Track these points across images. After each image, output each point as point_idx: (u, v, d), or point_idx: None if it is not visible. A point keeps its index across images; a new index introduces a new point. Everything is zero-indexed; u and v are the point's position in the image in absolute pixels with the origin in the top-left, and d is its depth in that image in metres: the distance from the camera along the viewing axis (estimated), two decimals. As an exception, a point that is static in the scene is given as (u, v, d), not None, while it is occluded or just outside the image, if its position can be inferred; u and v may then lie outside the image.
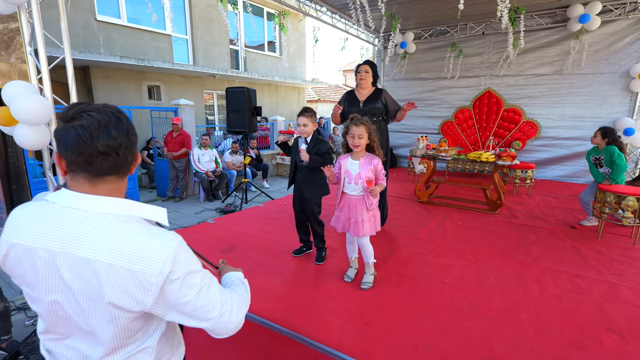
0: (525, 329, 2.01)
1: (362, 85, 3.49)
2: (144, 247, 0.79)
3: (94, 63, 7.66)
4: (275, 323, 2.01)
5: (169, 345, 0.98)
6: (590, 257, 3.05)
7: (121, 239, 0.80)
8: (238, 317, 0.93)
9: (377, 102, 3.45)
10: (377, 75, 3.55)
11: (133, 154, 0.88)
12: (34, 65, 2.76)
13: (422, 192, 4.92)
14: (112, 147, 0.82)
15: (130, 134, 0.86)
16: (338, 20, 6.78)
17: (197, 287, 0.85)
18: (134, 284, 0.78)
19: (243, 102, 5.73)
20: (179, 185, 6.79)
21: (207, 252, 3.06)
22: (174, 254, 0.81)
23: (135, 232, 0.82)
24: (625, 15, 5.63)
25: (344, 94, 3.68)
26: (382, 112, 3.48)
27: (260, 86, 12.18)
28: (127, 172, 0.88)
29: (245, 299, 1.02)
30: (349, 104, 3.53)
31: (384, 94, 3.48)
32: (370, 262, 2.48)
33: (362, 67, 3.46)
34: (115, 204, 0.84)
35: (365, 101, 3.48)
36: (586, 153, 4.10)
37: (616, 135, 3.79)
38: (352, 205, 2.37)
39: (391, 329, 1.98)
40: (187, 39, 10.12)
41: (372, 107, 3.44)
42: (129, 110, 6.42)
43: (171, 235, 0.84)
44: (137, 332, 0.87)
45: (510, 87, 6.73)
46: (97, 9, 7.96)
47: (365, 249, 2.45)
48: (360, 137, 2.26)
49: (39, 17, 2.57)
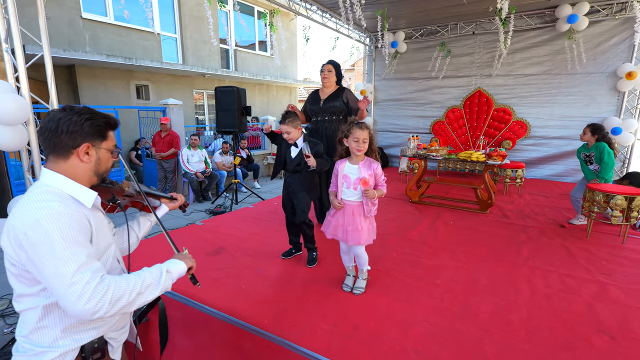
0: (516, 330, 1.98)
1: (325, 84, 3.59)
2: (26, 208, 0.97)
3: (80, 62, 7.50)
4: (263, 329, 1.95)
5: (62, 324, 1.06)
6: (580, 256, 3.05)
7: (26, 199, 1.01)
8: (94, 300, 0.93)
9: (337, 100, 3.52)
10: (340, 75, 3.64)
11: (60, 141, 1.06)
12: (11, 63, 2.65)
13: (414, 191, 4.90)
14: (41, 130, 1.08)
15: (61, 123, 1.05)
16: (328, 19, 6.73)
17: (50, 255, 0.93)
18: (13, 236, 0.96)
19: (233, 101, 5.65)
20: (168, 186, 6.67)
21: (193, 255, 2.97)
22: (37, 219, 0.94)
23: (37, 197, 1.00)
24: (612, 15, 5.69)
25: (310, 93, 3.79)
26: (341, 110, 3.55)
27: (251, 86, 12.08)
28: (63, 155, 1.07)
29: (134, 288, 1.02)
30: (311, 102, 3.65)
31: (345, 93, 3.54)
32: (365, 270, 2.42)
33: (325, 67, 3.55)
34: (53, 178, 1.06)
35: (326, 99, 3.57)
36: (576, 151, 4.11)
37: (605, 131, 3.81)
38: (349, 212, 2.25)
39: (380, 333, 1.94)
40: (177, 37, 9.98)
41: (331, 106, 3.53)
42: (116, 109, 6.28)
43: (52, 208, 0.97)
44: (28, 288, 1.02)
45: (500, 87, 6.77)
46: (82, 6, 7.79)
47: (360, 257, 2.37)
48: (364, 141, 2.18)
49: (15, 12, 2.47)
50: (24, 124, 2.61)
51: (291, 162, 2.75)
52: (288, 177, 2.81)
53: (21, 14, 2.58)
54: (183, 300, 2.27)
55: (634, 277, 2.66)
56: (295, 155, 2.72)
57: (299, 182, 2.74)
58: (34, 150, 2.71)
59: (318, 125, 3.64)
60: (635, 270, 2.78)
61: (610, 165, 3.65)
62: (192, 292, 2.31)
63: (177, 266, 1.23)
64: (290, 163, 2.76)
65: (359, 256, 2.37)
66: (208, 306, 2.16)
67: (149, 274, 1.10)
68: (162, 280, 1.12)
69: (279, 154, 2.85)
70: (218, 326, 2.09)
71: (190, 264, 1.31)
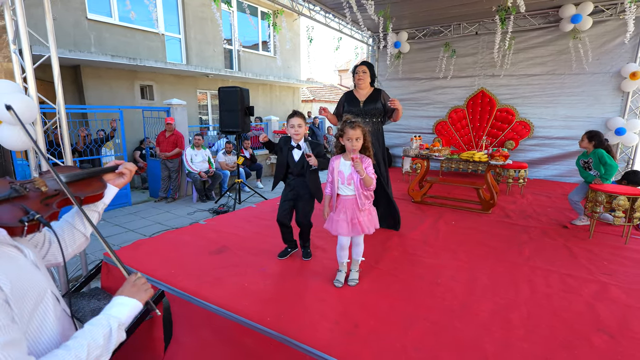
0: (516, 329, 2.00)
1: (361, 85, 3.50)
2: None
3: (85, 62, 7.58)
4: (264, 326, 1.98)
5: None
6: (581, 256, 3.06)
7: None
8: None
9: (377, 102, 3.47)
10: (374, 75, 3.57)
11: None
12: (19, 64, 2.70)
13: (416, 191, 4.91)
14: None
15: None
16: (332, 20, 6.76)
17: None
18: None
19: (236, 101, 5.69)
20: (172, 186, 6.73)
21: (197, 253, 3.03)
22: None
23: None
24: (616, 15, 5.67)
25: (343, 95, 3.69)
26: (381, 112, 3.50)
27: (255, 86, 12.13)
28: None
29: None
30: (349, 104, 3.54)
31: (382, 95, 3.50)
32: (359, 260, 2.52)
33: (360, 68, 3.47)
34: None
35: (365, 101, 3.49)
36: (576, 159, 4.12)
37: (602, 137, 3.82)
38: (349, 206, 2.36)
39: (381, 331, 1.96)
40: (181, 38, 10.05)
41: (373, 108, 3.47)
42: (121, 110, 6.34)
43: None
44: None
45: (503, 87, 6.76)
46: (88, 7, 7.88)
47: (358, 246, 2.48)
48: (357, 139, 2.25)
49: (23, 14, 2.51)
50: (32, 124, 2.66)
51: (296, 166, 2.72)
52: (292, 181, 2.78)
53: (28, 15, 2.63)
54: (187, 298, 2.30)
55: (636, 277, 2.66)
56: (298, 158, 2.71)
57: (304, 185, 2.73)
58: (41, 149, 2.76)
59: None
60: (637, 271, 2.78)
61: (614, 167, 3.65)
62: (196, 290, 2.34)
63: (128, 310, 0.95)
64: (295, 166, 2.73)
65: (358, 245, 2.47)
66: (211, 304, 2.20)
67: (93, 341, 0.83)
68: (113, 340, 0.88)
69: (280, 161, 2.79)
70: (221, 323, 2.13)
71: (146, 296, 1.01)
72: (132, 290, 0.99)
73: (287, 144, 2.75)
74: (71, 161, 2.92)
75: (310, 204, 2.80)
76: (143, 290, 1.01)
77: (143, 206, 6.39)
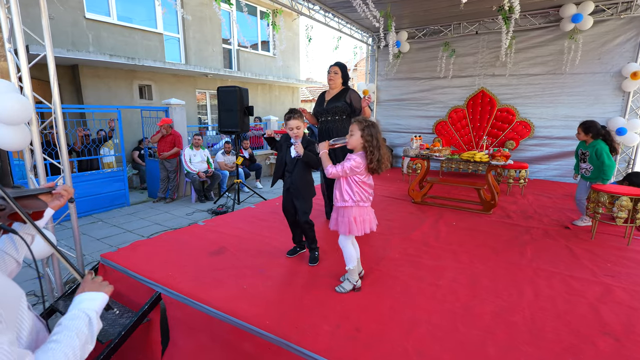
0: (520, 332, 1.96)
1: (331, 85, 3.67)
2: None
3: (83, 62, 7.53)
4: (264, 329, 1.94)
5: None
6: (584, 257, 3.03)
7: None
8: None
9: (340, 101, 3.60)
10: (347, 76, 3.71)
11: None
12: (14, 63, 2.66)
13: (416, 192, 4.88)
14: None
15: None
16: (331, 19, 6.72)
17: None
18: None
19: (235, 101, 5.65)
20: (170, 186, 6.68)
21: (195, 255, 2.99)
22: None
23: None
24: (617, 15, 5.64)
25: (319, 95, 3.91)
26: (344, 110, 3.62)
27: (254, 86, 12.09)
28: None
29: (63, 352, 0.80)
30: (317, 104, 3.80)
31: (349, 93, 3.61)
32: (347, 267, 2.35)
33: (332, 69, 3.65)
34: None
35: (329, 100, 3.65)
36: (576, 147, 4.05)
37: (598, 126, 3.70)
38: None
39: (382, 334, 1.92)
40: (179, 37, 10.00)
41: (334, 106, 3.62)
42: (119, 109, 6.30)
43: None
44: None
45: (503, 87, 6.73)
46: (86, 6, 7.82)
47: (343, 250, 2.37)
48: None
49: (18, 12, 2.47)
50: (27, 124, 2.62)
51: (291, 162, 2.78)
52: (288, 178, 2.82)
53: (25, 14, 2.59)
54: (184, 301, 2.27)
55: (639, 279, 2.63)
56: (295, 154, 2.74)
57: (298, 180, 2.77)
58: (37, 149, 2.72)
59: (322, 126, 3.76)
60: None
61: (612, 167, 3.58)
62: (194, 292, 2.30)
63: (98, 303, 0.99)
64: (290, 163, 2.78)
65: (341, 248, 2.38)
66: (209, 306, 2.16)
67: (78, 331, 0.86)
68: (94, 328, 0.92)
69: (280, 158, 2.85)
70: (219, 327, 2.09)
71: (109, 291, 1.05)
72: (93, 286, 1.03)
73: (287, 142, 2.79)
74: (67, 161, 2.88)
75: (307, 202, 2.79)
76: (104, 286, 1.05)
77: (141, 206, 6.35)
